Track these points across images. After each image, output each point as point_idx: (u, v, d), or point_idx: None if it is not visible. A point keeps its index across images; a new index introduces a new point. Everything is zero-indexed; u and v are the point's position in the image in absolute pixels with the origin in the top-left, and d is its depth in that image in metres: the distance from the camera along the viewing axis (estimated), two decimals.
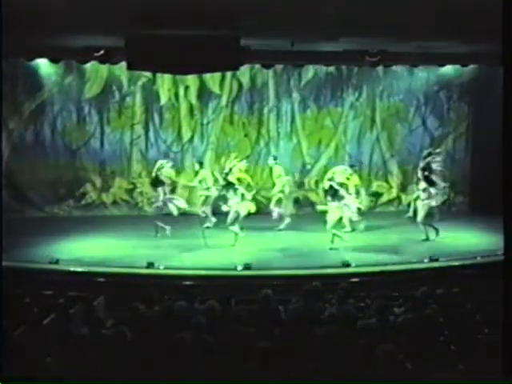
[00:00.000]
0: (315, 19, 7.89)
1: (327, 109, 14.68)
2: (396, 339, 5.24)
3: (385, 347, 4.76)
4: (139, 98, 14.18)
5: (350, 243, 11.51)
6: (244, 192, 11.48)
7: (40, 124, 13.94)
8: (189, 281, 9.30)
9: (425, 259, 10.36)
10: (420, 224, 12.01)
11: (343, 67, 14.28)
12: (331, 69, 14.21)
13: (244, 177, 11.81)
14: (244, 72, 13.83)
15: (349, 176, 11.65)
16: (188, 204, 14.11)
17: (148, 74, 13.81)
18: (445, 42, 10.56)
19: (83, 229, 12.51)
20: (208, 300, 6.06)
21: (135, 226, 12.20)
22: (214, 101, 14.35)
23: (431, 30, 8.89)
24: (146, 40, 8.75)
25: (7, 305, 5.80)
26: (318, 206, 12.63)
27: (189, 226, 12.33)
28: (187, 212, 13.40)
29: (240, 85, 14.34)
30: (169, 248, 11.39)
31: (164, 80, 14.06)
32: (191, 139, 14.43)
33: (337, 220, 11.41)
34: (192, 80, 14.06)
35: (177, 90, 14.22)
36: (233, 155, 12.27)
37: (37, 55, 12.39)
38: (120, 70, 13.36)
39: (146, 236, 12.04)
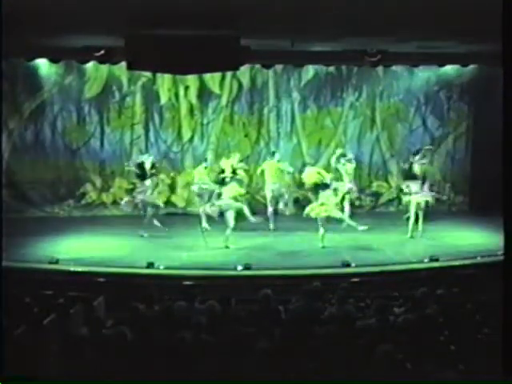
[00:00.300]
0: (315, 19, 7.89)
1: (327, 109, 14.67)
2: (396, 339, 5.23)
3: (385, 347, 4.76)
4: (139, 98, 14.18)
5: (350, 243, 11.51)
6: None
7: (40, 124, 13.94)
8: (189, 281, 9.30)
9: (425, 259, 10.36)
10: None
11: (343, 67, 14.27)
12: (331, 69, 14.21)
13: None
14: (244, 72, 13.82)
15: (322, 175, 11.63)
16: (188, 204, 14.18)
17: (148, 74, 13.81)
18: (445, 42, 10.56)
19: (83, 229, 12.52)
20: (208, 300, 6.06)
21: (135, 226, 12.19)
22: (214, 101, 14.35)
23: (431, 30, 8.89)
24: (146, 40, 8.75)
25: (7, 305, 5.81)
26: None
27: (189, 226, 12.34)
28: (189, 212, 13.46)
29: (240, 85, 14.33)
30: (169, 248, 11.39)
31: (164, 80, 14.06)
32: (191, 139, 14.44)
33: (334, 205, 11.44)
34: (192, 80, 14.05)
35: (177, 90, 14.22)
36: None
37: (37, 55, 12.40)
38: (120, 70, 13.37)
39: (146, 236, 12.05)
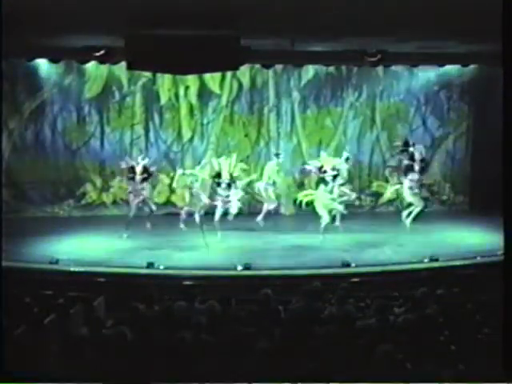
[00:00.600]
0: (315, 19, 7.89)
1: (327, 109, 14.69)
2: (396, 339, 5.23)
3: (385, 347, 4.76)
4: (139, 98, 14.19)
5: (350, 243, 11.52)
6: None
7: (40, 124, 13.96)
8: (189, 281, 9.30)
9: (425, 259, 10.36)
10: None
11: (343, 67, 14.28)
12: (331, 69, 14.22)
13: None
14: (244, 72, 13.83)
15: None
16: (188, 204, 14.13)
17: (148, 74, 13.81)
18: (445, 42, 10.57)
19: (83, 229, 12.53)
20: (208, 300, 6.06)
21: (135, 226, 12.19)
22: (214, 101, 14.36)
23: (431, 30, 8.89)
24: (146, 40, 8.74)
25: (7, 305, 5.80)
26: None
27: (190, 226, 12.34)
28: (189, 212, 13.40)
29: (240, 85, 14.34)
30: (169, 248, 11.39)
31: (164, 80, 14.07)
32: (191, 139, 14.45)
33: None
34: (192, 80, 14.06)
35: (177, 90, 14.23)
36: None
37: (37, 55, 12.40)
38: (120, 70, 13.37)
39: (146, 236, 12.05)
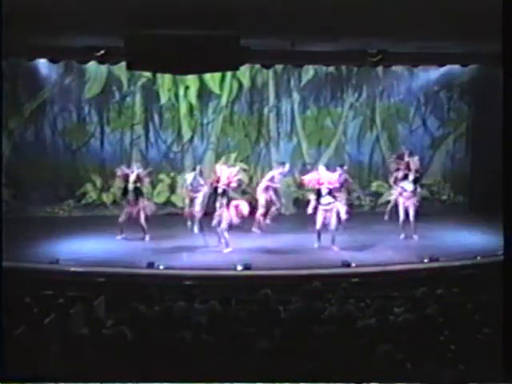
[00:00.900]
0: (315, 19, 7.89)
1: (327, 109, 14.70)
2: (396, 339, 5.23)
3: (385, 347, 4.76)
4: (139, 98, 14.20)
5: (350, 243, 11.51)
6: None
7: (40, 124, 13.97)
8: (189, 281, 9.30)
9: (425, 259, 10.36)
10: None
11: (343, 67, 14.29)
12: (331, 69, 14.23)
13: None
14: (244, 72, 13.84)
15: None
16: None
17: (148, 74, 13.82)
18: (445, 42, 10.56)
19: (83, 229, 12.52)
20: (208, 300, 6.07)
21: (135, 226, 12.18)
22: (214, 101, 14.37)
23: (431, 30, 8.88)
24: (146, 40, 8.74)
25: (7, 305, 5.80)
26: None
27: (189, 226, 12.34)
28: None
29: (240, 85, 14.35)
30: (169, 248, 11.39)
31: (164, 80, 14.08)
32: (191, 139, 14.45)
33: None
34: (192, 80, 14.07)
35: (177, 90, 14.23)
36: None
37: (37, 55, 12.38)
38: (120, 70, 13.37)
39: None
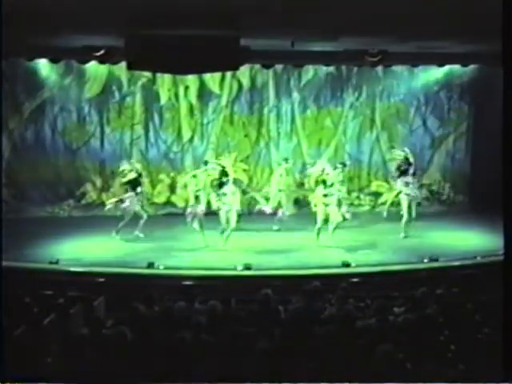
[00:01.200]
0: (315, 19, 7.89)
1: (327, 109, 14.70)
2: (396, 339, 5.23)
3: (385, 347, 4.76)
4: (139, 98, 14.20)
5: (350, 243, 11.51)
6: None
7: (40, 124, 13.97)
8: (189, 281, 9.30)
9: (425, 259, 10.36)
10: None
11: (343, 67, 14.29)
12: (331, 69, 14.23)
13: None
14: (244, 72, 13.84)
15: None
16: (188, 204, 14.11)
17: (148, 74, 13.82)
18: (445, 42, 10.56)
19: (83, 229, 12.52)
20: (208, 300, 6.07)
21: (135, 227, 12.18)
22: (214, 101, 14.37)
23: (431, 30, 8.88)
24: (146, 40, 8.74)
25: (7, 305, 5.81)
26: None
27: (189, 226, 12.32)
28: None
29: (240, 85, 14.35)
30: (169, 248, 11.39)
31: (164, 80, 14.07)
32: (191, 139, 14.45)
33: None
34: (192, 80, 14.07)
35: (177, 90, 14.23)
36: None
37: (37, 55, 12.39)
38: (120, 70, 13.38)
39: (146, 236, 12.05)
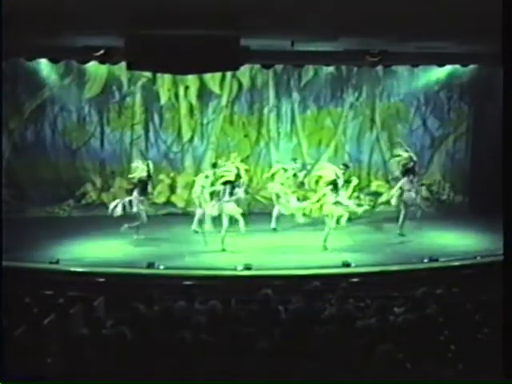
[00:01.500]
0: (315, 19, 7.89)
1: (327, 109, 14.68)
2: (396, 339, 5.24)
3: (385, 347, 4.76)
4: (139, 98, 14.19)
5: (350, 243, 11.52)
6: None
7: (40, 124, 13.96)
8: (189, 281, 9.31)
9: (425, 259, 10.36)
10: None
11: (343, 67, 14.28)
12: (331, 69, 14.22)
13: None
14: (244, 72, 13.83)
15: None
16: (188, 204, 14.16)
17: (148, 74, 13.82)
18: (445, 42, 10.55)
19: (83, 229, 12.53)
20: (208, 300, 6.07)
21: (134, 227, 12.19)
22: (214, 101, 14.36)
23: (431, 30, 8.88)
24: (146, 40, 8.74)
25: (7, 305, 5.81)
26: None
27: (190, 226, 12.34)
28: (189, 212, 13.43)
29: (240, 85, 14.34)
30: (169, 248, 11.39)
31: (164, 80, 14.07)
32: (191, 139, 14.45)
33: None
34: (192, 80, 14.06)
35: (177, 90, 14.22)
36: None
37: (37, 55, 12.38)
38: (120, 70, 13.37)
39: (146, 236, 12.05)
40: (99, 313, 6.92)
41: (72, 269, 9.89)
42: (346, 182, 11.77)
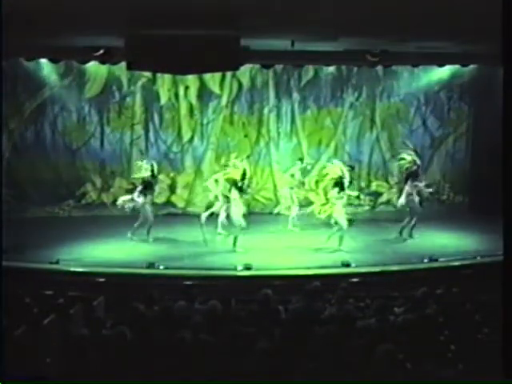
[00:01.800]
0: (315, 19, 7.89)
1: (327, 109, 14.68)
2: (396, 339, 5.24)
3: (385, 347, 4.76)
4: (139, 98, 14.19)
5: (350, 243, 11.51)
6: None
7: (40, 124, 13.96)
8: (189, 281, 9.31)
9: (425, 259, 10.37)
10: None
11: (343, 67, 14.28)
12: (331, 69, 14.22)
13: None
14: (244, 72, 13.84)
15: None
16: (188, 204, 14.16)
17: (148, 74, 13.82)
18: (445, 42, 10.55)
19: (83, 229, 12.52)
20: (208, 300, 6.07)
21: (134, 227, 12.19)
22: (214, 101, 14.35)
23: (431, 30, 8.88)
24: (146, 40, 8.74)
25: (7, 305, 5.81)
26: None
27: (190, 226, 12.34)
28: (189, 212, 13.43)
29: (240, 85, 14.34)
30: (169, 248, 11.39)
31: (164, 80, 14.07)
32: (191, 139, 14.44)
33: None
34: (192, 80, 14.06)
35: (177, 90, 14.22)
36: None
37: (37, 55, 12.38)
38: (120, 70, 13.37)
39: (147, 236, 12.05)
40: (99, 313, 6.92)
41: (72, 269, 9.89)
42: (350, 183, 11.78)
